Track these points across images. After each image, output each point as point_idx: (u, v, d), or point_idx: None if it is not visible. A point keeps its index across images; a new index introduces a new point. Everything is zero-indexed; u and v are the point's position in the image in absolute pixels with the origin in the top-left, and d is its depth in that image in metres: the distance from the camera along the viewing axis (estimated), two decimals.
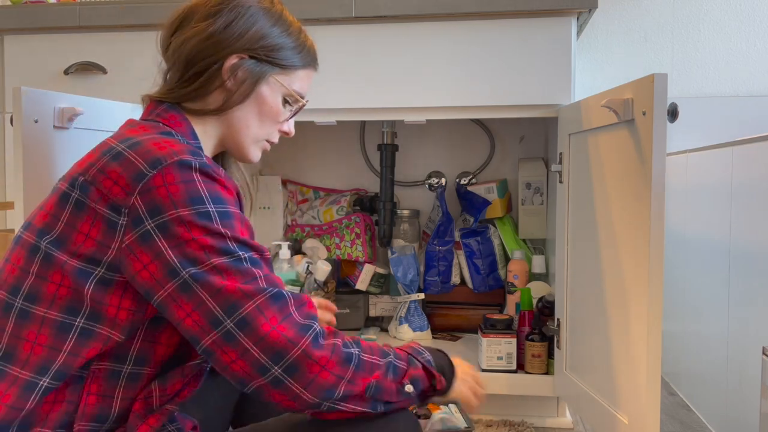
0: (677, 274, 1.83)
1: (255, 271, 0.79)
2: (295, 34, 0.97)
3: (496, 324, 1.64)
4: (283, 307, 0.78)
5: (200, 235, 0.77)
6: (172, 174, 0.78)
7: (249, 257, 0.79)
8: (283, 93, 0.96)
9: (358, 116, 1.67)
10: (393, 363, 0.85)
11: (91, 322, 0.79)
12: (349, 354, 0.81)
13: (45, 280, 0.79)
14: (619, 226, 1.25)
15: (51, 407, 0.79)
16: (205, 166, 0.81)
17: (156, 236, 0.77)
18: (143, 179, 0.78)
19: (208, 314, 0.76)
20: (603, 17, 2.20)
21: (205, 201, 0.79)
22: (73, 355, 0.79)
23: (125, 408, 0.83)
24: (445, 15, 1.59)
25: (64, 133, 1.24)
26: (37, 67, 1.74)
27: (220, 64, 0.91)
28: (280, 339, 0.76)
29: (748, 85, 2.16)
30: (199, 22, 0.92)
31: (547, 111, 1.58)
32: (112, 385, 0.82)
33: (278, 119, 0.97)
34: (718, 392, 1.55)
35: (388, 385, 0.84)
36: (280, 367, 0.77)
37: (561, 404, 1.68)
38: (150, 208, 0.77)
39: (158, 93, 0.94)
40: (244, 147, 0.97)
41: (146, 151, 0.80)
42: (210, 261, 0.77)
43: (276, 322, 0.77)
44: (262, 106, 0.95)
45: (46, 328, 0.79)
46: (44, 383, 0.78)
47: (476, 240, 1.94)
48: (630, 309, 1.21)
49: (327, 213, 2.06)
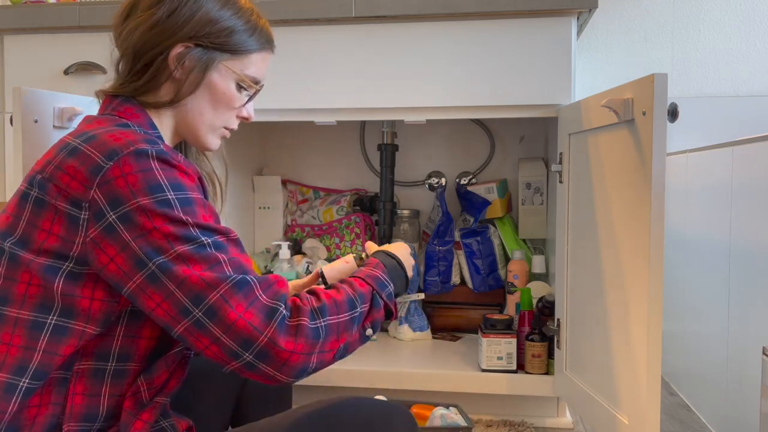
0: (677, 274, 1.83)
1: (219, 255, 0.79)
2: (246, 16, 0.94)
3: (496, 324, 1.64)
4: (249, 293, 0.78)
5: (162, 224, 0.77)
6: (129, 164, 0.77)
7: (213, 242, 0.79)
8: (235, 79, 0.93)
9: (358, 116, 1.67)
10: (359, 313, 0.86)
11: (64, 318, 0.79)
12: (316, 329, 0.80)
13: (14, 281, 0.79)
14: (619, 226, 1.25)
15: (37, 411, 0.79)
16: (162, 153, 0.80)
17: (119, 228, 0.77)
18: (100, 171, 0.77)
19: (177, 304, 0.77)
20: (603, 17, 2.20)
21: (165, 188, 0.78)
22: (49, 353, 0.78)
23: (114, 405, 0.83)
24: (445, 15, 1.59)
25: (63, 133, 1.24)
26: (37, 67, 1.74)
27: (166, 54, 0.89)
28: (246, 327, 0.77)
29: (748, 85, 2.16)
30: (144, 11, 0.90)
31: (547, 111, 1.58)
32: (97, 383, 0.82)
33: (233, 105, 0.95)
34: (718, 392, 1.55)
35: (353, 339, 0.85)
36: (250, 353, 0.77)
37: (561, 404, 1.68)
38: (110, 199, 0.77)
39: (111, 87, 0.93)
40: (201, 135, 0.95)
41: (101, 143, 0.79)
42: (174, 249, 0.77)
43: (242, 310, 0.77)
44: (214, 94, 0.93)
45: (20, 329, 0.78)
46: (24, 384, 0.78)
47: (476, 240, 1.94)
48: (630, 309, 1.21)
49: (327, 213, 2.06)
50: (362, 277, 0.91)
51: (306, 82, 1.64)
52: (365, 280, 0.90)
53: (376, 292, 0.89)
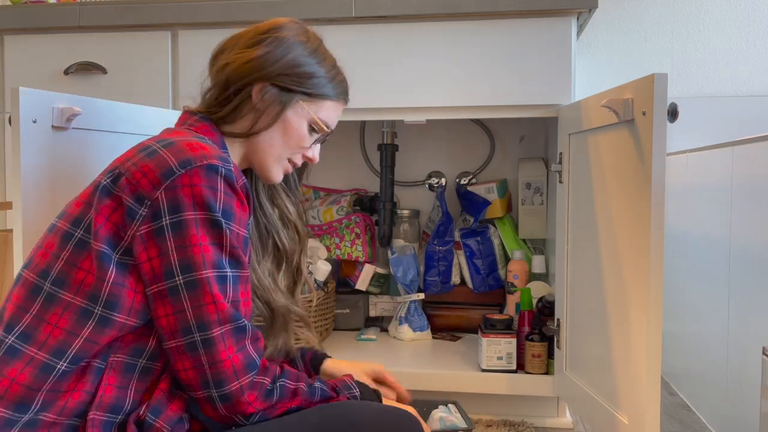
0: (677, 274, 1.83)
1: (231, 292, 0.86)
2: (328, 66, 1.03)
3: (496, 324, 1.64)
4: (241, 340, 0.86)
5: (205, 242, 0.84)
6: (198, 176, 0.84)
7: (233, 276, 0.86)
8: (308, 119, 1.01)
9: (358, 116, 1.67)
10: (320, 389, 0.93)
11: (107, 310, 0.83)
12: (271, 390, 0.88)
13: (75, 267, 0.84)
14: (619, 226, 1.25)
15: (69, 395, 0.82)
16: (230, 175, 0.87)
17: (168, 233, 0.83)
18: (171, 176, 0.83)
19: (183, 322, 0.84)
20: (603, 17, 2.20)
21: (217, 210, 0.84)
22: (91, 341, 0.83)
23: (138, 400, 0.86)
24: (445, 15, 1.59)
25: (62, 133, 1.23)
26: (37, 67, 1.74)
27: (251, 87, 0.97)
28: (229, 369, 0.84)
29: (748, 85, 2.16)
30: (242, 49, 0.99)
31: (547, 111, 1.58)
32: (128, 377, 0.86)
33: (302, 144, 1.02)
34: (718, 392, 1.54)
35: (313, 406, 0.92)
36: (218, 391, 0.85)
37: (561, 404, 1.68)
38: (171, 205, 0.83)
39: (196, 108, 1.01)
40: (267, 166, 1.02)
41: (179, 151, 0.86)
42: (202, 271, 0.83)
43: (232, 353, 0.85)
44: (287, 129, 1.00)
45: (69, 313, 0.83)
46: (62, 367, 0.82)
47: (476, 240, 1.94)
48: (630, 309, 1.21)
49: (327, 213, 2.06)
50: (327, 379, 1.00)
51: None
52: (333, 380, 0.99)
53: (339, 388, 0.97)
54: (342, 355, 1.77)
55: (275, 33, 0.99)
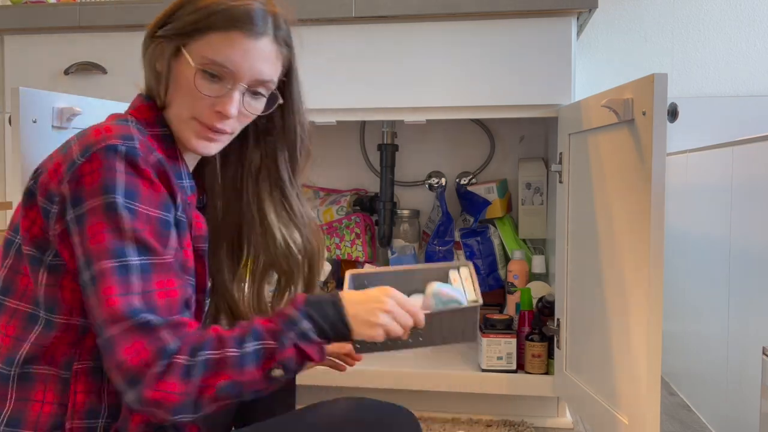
0: (677, 274, 1.83)
1: (139, 282, 0.75)
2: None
3: (496, 324, 1.64)
4: (146, 336, 0.74)
5: (102, 230, 0.75)
6: (98, 160, 0.77)
7: (141, 264, 0.76)
8: (199, 64, 0.85)
9: (358, 116, 1.67)
10: (253, 350, 0.77)
11: (48, 313, 0.81)
12: (188, 369, 0.75)
13: (19, 273, 0.82)
14: (619, 226, 1.25)
15: (41, 407, 0.80)
16: (133, 152, 0.77)
17: (73, 229, 0.77)
18: (74, 167, 0.78)
19: (96, 319, 0.76)
20: (603, 17, 2.19)
21: (116, 191, 0.76)
22: (37, 345, 0.80)
23: (115, 402, 0.83)
24: (445, 15, 1.59)
25: (62, 133, 1.23)
26: (37, 67, 1.74)
27: (148, 49, 0.90)
28: (133, 369, 0.73)
29: (748, 85, 2.16)
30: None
31: (547, 111, 1.58)
32: (96, 380, 0.83)
33: (195, 95, 0.85)
34: (718, 392, 1.54)
35: (247, 378, 0.77)
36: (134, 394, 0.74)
37: (561, 404, 1.68)
38: (74, 197, 0.77)
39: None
40: (179, 132, 0.89)
41: (84, 139, 0.80)
42: (100, 263, 0.75)
43: (132, 351, 0.73)
44: (178, 83, 0.87)
45: (16, 320, 0.81)
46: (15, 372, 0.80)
47: (476, 240, 1.94)
48: (630, 309, 1.21)
49: (327, 213, 2.06)
50: (269, 316, 0.82)
51: (306, 82, 1.63)
52: (269, 318, 0.82)
53: (280, 330, 0.80)
54: None
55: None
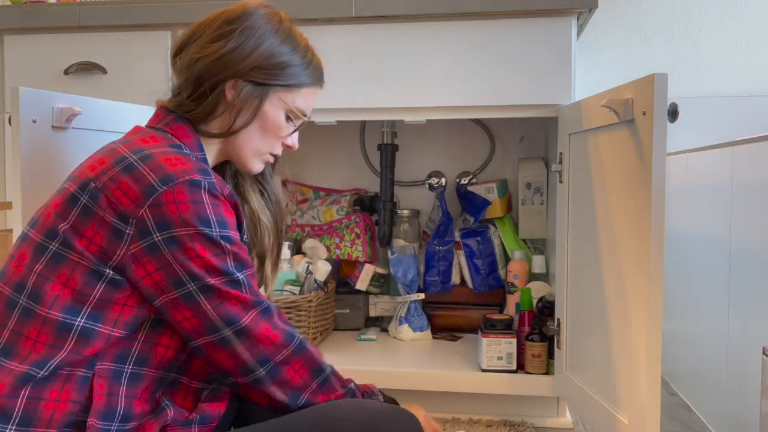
0: (677, 274, 1.83)
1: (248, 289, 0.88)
2: (302, 52, 1.00)
3: (496, 324, 1.64)
4: (271, 318, 0.90)
5: (205, 254, 0.84)
6: (182, 192, 0.83)
7: (242, 278, 0.88)
8: (285, 109, 0.99)
9: (358, 116, 1.67)
10: (352, 388, 0.97)
11: (92, 321, 0.83)
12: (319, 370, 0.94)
13: (49, 280, 0.83)
14: (619, 226, 1.25)
15: (55, 405, 0.81)
16: (213, 187, 0.86)
17: (163, 248, 0.83)
18: (154, 194, 0.82)
19: (207, 323, 0.86)
20: (603, 17, 2.19)
21: (211, 222, 0.85)
22: (75, 353, 0.82)
23: (130, 406, 0.85)
24: (446, 15, 1.59)
25: (62, 133, 1.23)
26: (37, 67, 1.74)
27: (224, 85, 0.95)
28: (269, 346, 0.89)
29: (748, 85, 2.16)
30: (210, 42, 0.95)
31: (547, 111, 1.58)
32: (116, 383, 0.85)
33: (280, 134, 1.01)
34: (718, 392, 1.54)
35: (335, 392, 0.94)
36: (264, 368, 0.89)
37: (561, 404, 1.68)
38: (159, 222, 0.82)
39: (170, 102, 0.98)
40: (246, 160, 1.01)
41: (157, 166, 0.84)
42: (209, 279, 0.85)
43: (269, 331, 0.89)
44: (265, 123, 0.98)
45: (48, 328, 0.82)
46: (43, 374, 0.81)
47: (476, 240, 1.94)
48: (630, 309, 1.21)
49: (327, 213, 2.06)
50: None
51: None
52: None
53: (366, 393, 1.01)
54: (342, 355, 1.78)
55: (244, 22, 0.95)
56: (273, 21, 0.98)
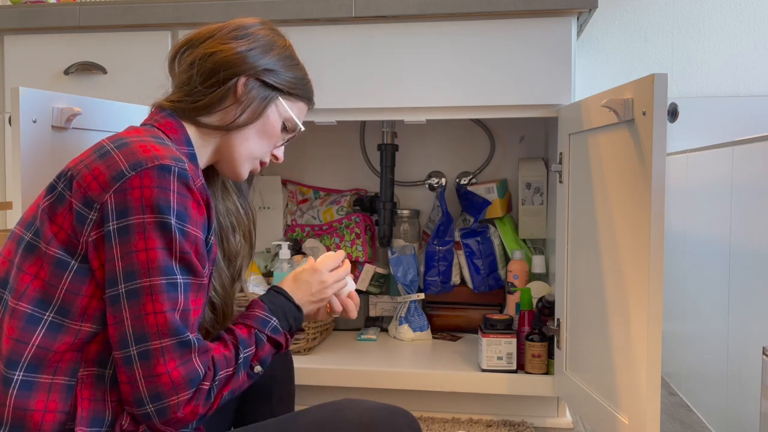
0: (677, 274, 1.83)
1: (182, 300, 0.82)
2: (302, 69, 1.04)
3: (496, 324, 1.64)
4: (185, 354, 0.81)
5: (153, 246, 0.80)
6: (149, 177, 0.80)
7: (184, 283, 0.82)
8: (284, 118, 1.01)
9: (358, 116, 1.67)
10: (243, 359, 0.88)
11: (59, 316, 0.81)
12: (209, 392, 0.83)
13: (21, 271, 0.82)
14: (619, 226, 1.25)
15: (43, 416, 0.80)
16: (185, 174, 0.83)
17: (114, 239, 0.79)
18: (122, 178, 0.80)
19: (120, 334, 0.80)
20: (603, 17, 2.20)
21: (170, 212, 0.81)
22: (43, 348, 0.80)
23: (119, 411, 0.83)
24: (446, 15, 1.59)
25: (62, 133, 1.23)
26: (37, 67, 1.74)
27: (236, 80, 0.95)
28: (167, 383, 0.80)
29: (748, 85, 2.16)
30: (227, 41, 0.97)
31: (547, 111, 1.58)
32: (100, 389, 0.83)
33: (275, 142, 1.02)
34: (718, 392, 1.54)
35: (240, 384, 0.88)
36: (154, 406, 0.80)
37: (561, 404, 1.68)
38: (119, 208, 0.79)
39: (166, 100, 0.98)
40: (238, 163, 0.99)
41: (131, 153, 0.82)
42: (151, 278, 0.79)
43: (173, 366, 0.80)
44: (265, 126, 0.99)
45: (15, 320, 0.81)
46: (18, 377, 0.80)
47: (476, 240, 1.94)
48: (630, 309, 1.21)
49: (327, 213, 2.06)
50: (242, 321, 0.93)
51: None
52: (245, 323, 0.93)
53: (257, 330, 0.92)
54: (342, 355, 1.78)
55: (254, 30, 0.99)
56: (277, 36, 1.02)
